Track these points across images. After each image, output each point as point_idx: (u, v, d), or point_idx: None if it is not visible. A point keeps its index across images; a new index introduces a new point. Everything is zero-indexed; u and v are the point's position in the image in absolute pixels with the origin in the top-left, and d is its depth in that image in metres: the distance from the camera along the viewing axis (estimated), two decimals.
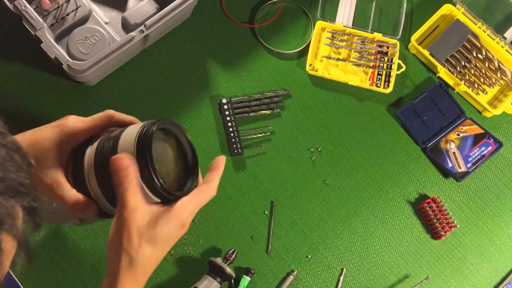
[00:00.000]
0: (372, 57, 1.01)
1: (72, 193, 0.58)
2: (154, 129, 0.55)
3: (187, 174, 0.60)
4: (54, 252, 0.88)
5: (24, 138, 0.59)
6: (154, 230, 0.53)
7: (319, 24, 1.02)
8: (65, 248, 0.88)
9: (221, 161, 0.60)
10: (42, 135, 0.59)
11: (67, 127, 0.60)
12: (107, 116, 0.62)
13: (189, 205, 0.56)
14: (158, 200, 0.55)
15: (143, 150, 0.53)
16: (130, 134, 0.56)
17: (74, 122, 0.60)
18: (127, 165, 0.52)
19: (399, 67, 1.01)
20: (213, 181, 0.58)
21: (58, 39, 0.93)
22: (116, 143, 0.56)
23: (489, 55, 1.01)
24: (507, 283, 0.93)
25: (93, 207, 0.59)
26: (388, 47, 1.02)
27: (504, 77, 1.01)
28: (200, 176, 0.61)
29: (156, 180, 0.53)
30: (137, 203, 0.53)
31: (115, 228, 0.54)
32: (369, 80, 1.00)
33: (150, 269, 0.55)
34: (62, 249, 0.88)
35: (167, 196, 0.55)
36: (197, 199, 0.57)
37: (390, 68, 1.00)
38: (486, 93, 1.02)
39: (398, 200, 0.96)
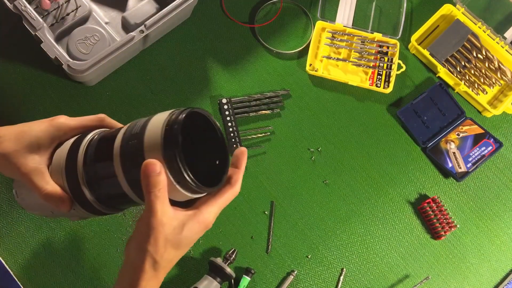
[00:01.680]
0: (372, 57, 1.01)
1: (49, 185, 0.59)
2: (182, 117, 0.50)
3: (218, 166, 0.57)
4: (54, 253, 0.88)
5: (15, 127, 0.61)
6: (180, 235, 0.54)
7: (319, 24, 1.02)
8: (65, 249, 0.88)
9: (243, 156, 0.58)
10: (33, 125, 0.61)
11: (58, 122, 0.61)
12: (99, 119, 0.63)
13: (215, 208, 0.56)
14: (187, 194, 0.54)
15: (170, 144, 0.50)
16: (156, 124, 0.52)
17: (65, 119, 0.62)
18: (157, 172, 0.51)
19: (399, 67, 1.01)
20: (238, 180, 0.57)
21: (58, 39, 0.93)
22: (142, 136, 0.52)
23: (489, 55, 1.01)
24: (507, 283, 0.93)
25: (67, 203, 0.59)
26: (388, 47, 1.02)
27: (504, 77, 1.01)
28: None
29: (187, 177, 0.51)
30: (165, 211, 0.53)
31: (141, 232, 0.54)
32: (369, 80, 1.00)
33: (171, 267, 0.57)
34: (62, 249, 0.88)
35: (197, 190, 0.53)
36: (223, 200, 0.56)
37: (390, 68, 1.00)
38: (486, 93, 1.02)
39: (398, 200, 0.96)
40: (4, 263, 0.86)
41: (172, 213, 0.54)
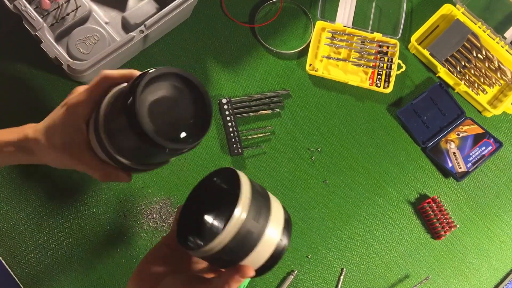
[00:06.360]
0: (372, 57, 1.01)
1: (98, 166, 0.63)
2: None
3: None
4: (54, 253, 0.88)
5: (45, 123, 0.65)
6: None
7: (319, 24, 1.02)
8: (65, 249, 0.88)
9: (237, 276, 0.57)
10: (54, 118, 0.64)
11: (71, 105, 0.62)
12: (102, 77, 0.62)
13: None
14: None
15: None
16: (278, 216, 0.58)
17: (76, 97, 0.62)
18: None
19: (399, 67, 1.01)
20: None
21: (58, 39, 0.93)
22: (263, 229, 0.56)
23: (489, 55, 1.01)
24: (507, 283, 0.93)
25: (123, 174, 0.64)
26: (388, 47, 1.02)
27: (504, 77, 1.01)
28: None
29: None
30: None
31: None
32: (369, 80, 1.00)
33: None
34: (62, 249, 0.88)
35: None
36: None
37: (390, 68, 1.00)
38: (486, 93, 1.02)
39: (398, 200, 0.96)
40: (4, 263, 0.87)
41: None
